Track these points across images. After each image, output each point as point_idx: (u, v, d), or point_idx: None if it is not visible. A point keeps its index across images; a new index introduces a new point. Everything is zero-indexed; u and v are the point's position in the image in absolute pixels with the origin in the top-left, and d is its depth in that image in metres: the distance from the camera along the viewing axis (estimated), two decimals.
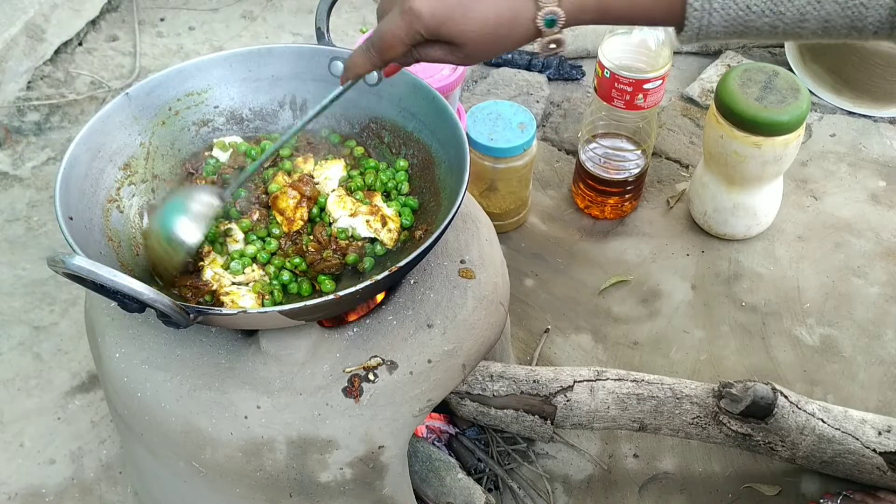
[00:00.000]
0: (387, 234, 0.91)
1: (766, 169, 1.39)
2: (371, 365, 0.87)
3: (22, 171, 1.65)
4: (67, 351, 1.35)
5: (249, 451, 0.85)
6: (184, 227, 0.85)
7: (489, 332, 0.96)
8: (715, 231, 1.52)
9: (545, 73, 1.83)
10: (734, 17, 0.69)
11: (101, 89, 1.82)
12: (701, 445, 1.23)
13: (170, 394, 0.86)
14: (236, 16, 2.04)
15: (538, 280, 1.47)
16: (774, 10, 0.68)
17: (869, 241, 1.53)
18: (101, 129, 0.92)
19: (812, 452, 1.10)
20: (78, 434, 1.25)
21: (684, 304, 1.43)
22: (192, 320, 0.75)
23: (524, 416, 1.11)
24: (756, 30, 0.70)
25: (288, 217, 0.92)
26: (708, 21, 0.70)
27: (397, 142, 1.01)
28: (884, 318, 1.41)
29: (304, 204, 0.92)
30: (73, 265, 0.68)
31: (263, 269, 0.89)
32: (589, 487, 1.20)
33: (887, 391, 1.31)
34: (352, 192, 0.95)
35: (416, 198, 0.96)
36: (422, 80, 0.97)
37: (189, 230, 0.85)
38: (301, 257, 0.90)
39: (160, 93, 0.98)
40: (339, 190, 0.95)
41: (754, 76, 1.36)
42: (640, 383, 1.11)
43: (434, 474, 1.08)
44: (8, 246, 1.51)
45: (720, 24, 0.70)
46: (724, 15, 0.69)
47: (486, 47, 0.73)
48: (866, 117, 1.76)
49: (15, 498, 1.18)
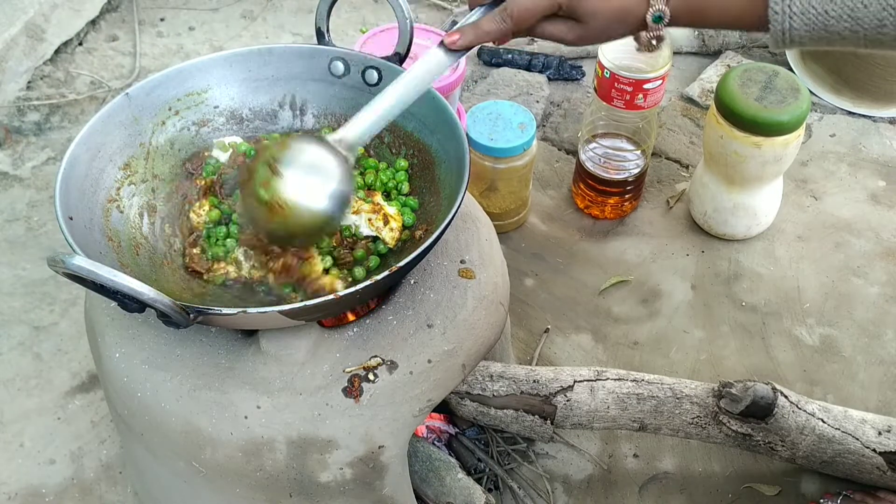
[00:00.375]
0: (388, 233, 0.91)
1: (766, 169, 1.39)
2: (371, 365, 0.87)
3: (22, 171, 1.65)
4: (67, 351, 1.35)
5: (249, 451, 0.85)
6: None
7: (489, 332, 0.96)
8: (715, 231, 1.52)
9: (545, 73, 1.83)
10: (814, 22, 0.71)
11: (101, 89, 1.82)
12: (701, 445, 1.23)
13: (170, 394, 0.86)
14: (236, 16, 2.04)
15: (538, 280, 1.47)
16: (852, 16, 0.70)
17: (869, 241, 1.53)
18: (101, 129, 0.92)
19: (812, 452, 1.10)
20: (78, 434, 1.25)
21: (684, 304, 1.43)
22: (192, 320, 0.75)
23: (524, 416, 1.11)
24: (839, 35, 0.72)
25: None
26: (789, 25, 0.72)
27: (397, 142, 1.01)
28: (884, 317, 1.41)
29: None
30: (73, 265, 0.68)
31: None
32: (589, 487, 1.20)
33: (887, 391, 1.31)
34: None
35: (416, 198, 0.96)
36: None
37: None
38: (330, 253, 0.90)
39: (160, 93, 0.98)
40: None
41: (754, 76, 1.36)
42: (640, 383, 1.11)
43: (434, 474, 1.08)
44: (8, 246, 1.51)
45: (802, 28, 0.72)
46: (805, 20, 0.71)
47: (607, 30, 0.80)
48: (866, 117, 1.76)
49: (15, 498, 1.18)
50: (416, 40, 1.05)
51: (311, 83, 1.02)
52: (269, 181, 0.78)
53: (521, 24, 0.80)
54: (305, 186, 0.79)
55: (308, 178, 0.79)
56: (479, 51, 1.88)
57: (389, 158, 1.01)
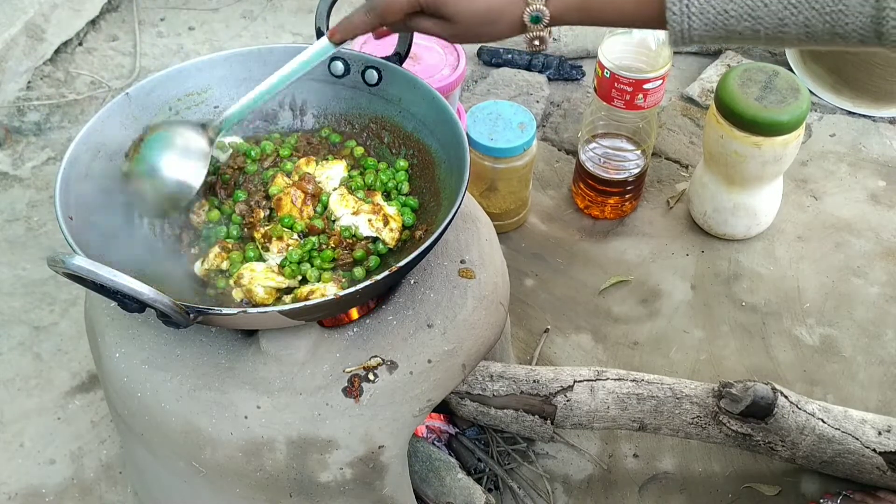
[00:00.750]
0: (388, 234, 0.91)
1: (765, 169, 1.39)
2: (371, 365, 0.87)
3: (22, 171, 1.65)
4: (67, 351, 1.35)
5: (249, 451, 0.85)
6: (184, 168, 0.87)
7: (489, 332, 0.96)
8: (715, 231, 1.52)
9: (545, 73, 1.83)
10: (714, 21, 0.71)
11: (101, 89, 1.82)
12: (701, 445, 1.23)
13: (170, 394, 0.86)
14: (236, 16, 2.04)
15: (538, 280, 1.47)
16: (752, 15, 0.70)
17: (869, 241, 1.53)
18: (101, 128, 0.92)
19: (812, 452, 1.10)
20: (78, 434, 1.25)
21: (684, 304, 1.43)
22: (192, 320, 0.75)
23: (524, 417, 1.11)
24: (739, 34, 0.71)
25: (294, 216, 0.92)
26: (689, 25, 0.72)
27: (397, 142, 1.01)
28: (884, 317, 1.41)
29: (308, 202, 0.92)
30: (73, 265, 0.68)
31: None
32: (589, 487, 1.20)
33: (887, 391, 1.31)
34: (353, 191, 0.95)
35: (416, 198, 0.96)
36: (422, 80, 0.97)
37: (189, 171, 0.87)
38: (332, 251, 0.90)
39: (160, 93, 0.98)
40: (342, 189, 0.95)
41: (754, 76, 1.36)
42: (640, 383, 1.11)
43: (434, 474, 1.08)
44: (8, 246, 1.51)
45: (701, 27, 0.72)
46: (704, 19, 0.71)
47: (475, 30, 0.80)
48: (866, 117, 1.76)
49: (15, 498, 1.18)
50: (416, 40, 1.05)
51: (310, 83, 1.02)
52: (131, 157, 0.88)
53: (386, 19, 0.82)
54: (158, 161, 0.88)
55: (161, 153, 0.88)
56: (478, 51, 1.88)
57: (389, 158, 1.01)
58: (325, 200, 0.93)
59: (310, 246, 0.89)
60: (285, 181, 0.94)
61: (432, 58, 1.33)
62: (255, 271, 0.87)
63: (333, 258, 0.89)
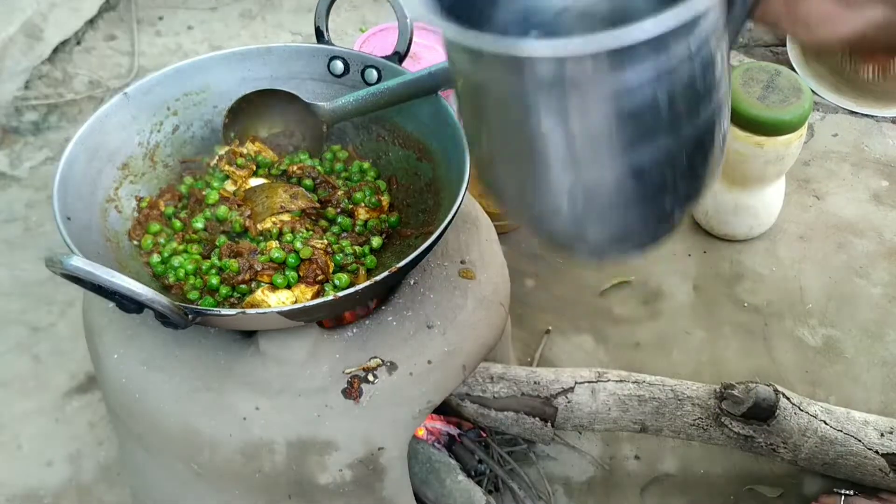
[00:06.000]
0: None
1: (767, 169, 1.39)
2: (371, 366, 0.86)
3: (20, 171, 1.64)
4: (65, 352, 1.34)
5: (248, 452, 0.85)
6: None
7: (489, 333, 0.95)
8: (716, 231, 1.52)
9: None
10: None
11: (99, 89, 1.81)
12: (702, 447, 1.23)
13: (168, 395, 0.85)
14: (235, 15, 2.04)
15: (539, 280, 1.46)
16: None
17: (871, 241, 1.52)
18: (99, 128, 0.92)
19: (814, 454, 1.10)
20: (76, 436, 1.24)
21: (686, 304, 1.43)
22: (191, 321, 0.75)
23: (525, 418, 1.10)
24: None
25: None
26: None
27: (397, 142, 1.00)
28: (886, 318, 1.40)
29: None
30: (70, 266, 0.68)
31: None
32: (590, 489, 1.20)
33: (890, 392, 1.31)
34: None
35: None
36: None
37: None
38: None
39: (159, 92, 0.97)
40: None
41: (756, 75, 1.35)
42: (642, 384, 1.11)
43: (434, 476, 1.08)
44: (5, 246, 1.50)
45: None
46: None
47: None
48: (869, 117, 1.76)
49: (13, 500, 1.17)
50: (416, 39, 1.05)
51: (310, 82, 1.02)
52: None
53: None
54: None
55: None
56: None
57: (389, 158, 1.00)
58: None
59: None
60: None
61: (432, 57, 1.33)
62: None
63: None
